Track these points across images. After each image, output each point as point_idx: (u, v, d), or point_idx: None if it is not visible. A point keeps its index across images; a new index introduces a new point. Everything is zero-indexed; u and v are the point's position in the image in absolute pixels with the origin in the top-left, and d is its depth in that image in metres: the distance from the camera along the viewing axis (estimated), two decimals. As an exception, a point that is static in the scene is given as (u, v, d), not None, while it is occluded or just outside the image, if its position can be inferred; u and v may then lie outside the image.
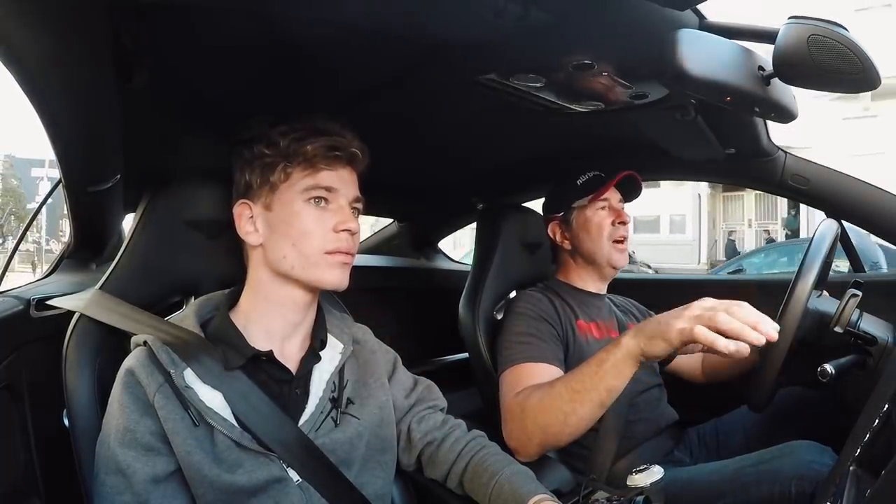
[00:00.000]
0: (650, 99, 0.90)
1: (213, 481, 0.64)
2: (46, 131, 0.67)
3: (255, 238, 0.74)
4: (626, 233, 1.18)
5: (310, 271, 0.72)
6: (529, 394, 0.93)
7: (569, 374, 0.90)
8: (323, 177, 0.73)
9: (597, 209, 1.18)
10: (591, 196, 1.18)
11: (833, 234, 0.98)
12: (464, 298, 1.24)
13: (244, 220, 0.74)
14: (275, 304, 0.75)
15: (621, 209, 1.20)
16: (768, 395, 0.94)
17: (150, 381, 0.66)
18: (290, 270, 0.73)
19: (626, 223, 1.18)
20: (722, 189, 13.51)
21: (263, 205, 0.74)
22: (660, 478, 0.65)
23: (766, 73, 0.73)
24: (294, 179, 0.72)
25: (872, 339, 0.94)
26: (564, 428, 0.87)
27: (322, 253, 0.72)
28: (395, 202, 1.81)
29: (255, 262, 0.75)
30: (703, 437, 1.22)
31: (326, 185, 0.73)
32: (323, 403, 0.74)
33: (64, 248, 1.13)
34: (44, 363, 0.81)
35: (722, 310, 0.71)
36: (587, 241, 1.18)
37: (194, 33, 0.70)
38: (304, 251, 0.72)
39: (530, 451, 0.91)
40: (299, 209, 0.72)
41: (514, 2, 0.62)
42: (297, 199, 0.72)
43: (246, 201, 0.74)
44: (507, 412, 0.96)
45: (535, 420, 0.90)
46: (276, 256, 0.73)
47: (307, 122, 0.74)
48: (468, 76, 0.84)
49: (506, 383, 1.01)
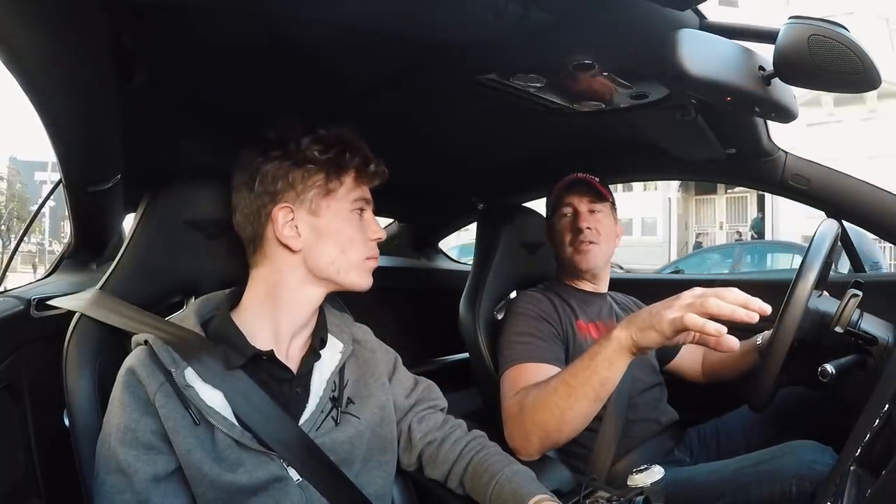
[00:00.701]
0: (650, 99, 0.90)
1: (213, 480, 0.64)
2: (47, 131, 0.67)
3: (297, 243, 0.74)
4: (586, 237, 1.15)
5: (351, 275, 0.77)
6: (527, 392, 0.93)
7: (563, 370, 0.90)
8: (367, 189, 0.79)
9: (561, 216, 1.19)
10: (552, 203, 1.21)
11: (833, 234, 0.98)
12: (464, 298, 1.24)
13: (286, 224, 0.73)
14: (290, 305, 0.75)
15: (584, 213, 1.17)
16: (769, 395, 0.94)
17: (151, 380, 0.66)
18: (334, 275, 0.76)
19: (582, 230, 1.15)
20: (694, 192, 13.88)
21: (309, 210, 0.74)
22: (660, 478, 0.65)
23: (766, 73, 0.73)
24: (347, 188, 0.76)
25: (873, 339, 0.94)
26: (562, 424, 0.87)
27: (364, 259, 0.78)
28: (396, 202, 1.80)
29: (283, 264, 0.74)
30: (703, 437, 1.22)
31: (368, 198, 0.79)
32: (323, 403, 0.74)
33: (64, 249, 1.13)
34: (44, 363, 0.81)
35: (711, 295, 0.71)
36: (556, 247, 1.22)
37: (194, 33, 0.70)
38: (351, 257, 0.76)
39: (531, 451, 0.91)
40: (350, 218, 0.77)
41: (515, 2, 0.62)
42: (347, 207, 0.76)
43: (288, 205, 0.73)
44: (507, 413, 0.96)
45: (533, 418, 0.90)
46: (321, 261, 0.75)
47: (338, 133, 0.76)
48: (468, 76, 0.84)
49: (506, 383, 1.01)
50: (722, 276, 3.51)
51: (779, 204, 11.72)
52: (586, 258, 1.16)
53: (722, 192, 13.66)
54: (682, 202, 14.30)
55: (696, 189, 13.77)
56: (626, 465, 1.04)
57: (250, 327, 0.73)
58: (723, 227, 13.44)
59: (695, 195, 14.08)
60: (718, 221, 13.72)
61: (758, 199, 12.55)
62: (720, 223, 13.65)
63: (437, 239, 2.16)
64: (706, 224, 13.95)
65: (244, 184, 0.74)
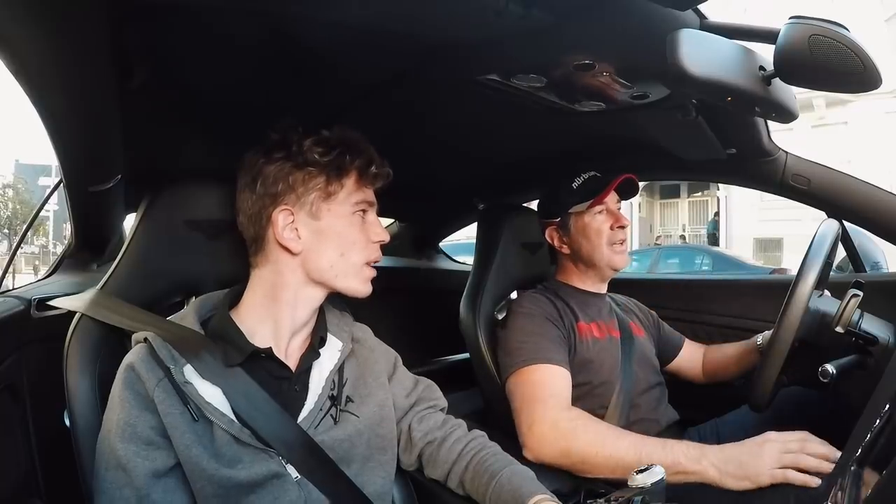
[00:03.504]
0: (651, 99, 0.90)
1: (211, 475, 0.64)
2: (47, 132, 0.67)
3: (297, 245, 0.74)
4: (624, 236, 1.18)
5: (349, 280, 0.76)
6: (586, 424, 0.94)
7: (639, 440, 0.91)
8: (369, 192, 0.78)
9: (595, 214, 1.18)
10: (589, 202, 1.17)
11: (834, 234, 0.98)
12: (465, 298, 1.24)
13: (286, 227, 0.73)
14: (291, 305, 0.75)
15: (619, 213, 1.20)
16: (769, 395, 0.94)
17: (150, 376, 0.66)
18: (332, 279, 0.75)
19: (624, 227, 1.18)
20: (659, 196, 14.29)
21: (309, 213, 0.74)
22: (660, 478, 0.65)
23: (766, 73, 0.73)
24: (348, 191, 0.75)
25: (873, 339, 0.94)
26: (603, 471, 0.89)
27: (364, 263, 0.77)
28: (396, 202, 1.80)
29: (283, 266, 0.75)
30: (703, 437, 1.22)
31: (371, 200, 0.78)
32: (322, 401, 0.75)
33: (65, 249, 1.13)
34: (45, 363, 0.81)
35: (798, 450, 0.83)
36: (586, 246, 1.18)
37: (194, 33, 0.70)
38: (351, 260, 0.76)
39: (546, 459, 0.93)
40: (351, 221, 0.76)
41: (515, 2, 0.62)
42: (349, 210, 0.76)
43: (288, 207, 0.74)
44: (545, 422, 0.95)
45: (583, 451, 0.91)
46: (320, 264, 0.74)
47: (341, 134, 0.75)
48: (469, 76, 0.84)
49: (524, 385, 1.00)
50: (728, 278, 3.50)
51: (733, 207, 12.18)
52: (622, 258, 1.18)
53: (685, 196, 14.05)
54: (647, 206, 14.60)
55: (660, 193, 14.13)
56: (627, 466, 1.03)
57: (250, 326, 0.74)
58: (685, 229, 13.80)
59: (659, 199, 14.48)
60: (681, 224, 14.10)
61: (718, 203, 12.86)
62: (683, 226, 14.05)
63: (438, 239, 2.16)
64: (670, 227, 14.33)
65: (247, 185, 0.75)
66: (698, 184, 12.58)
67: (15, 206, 21.32)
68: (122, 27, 0.59)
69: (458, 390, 1.22)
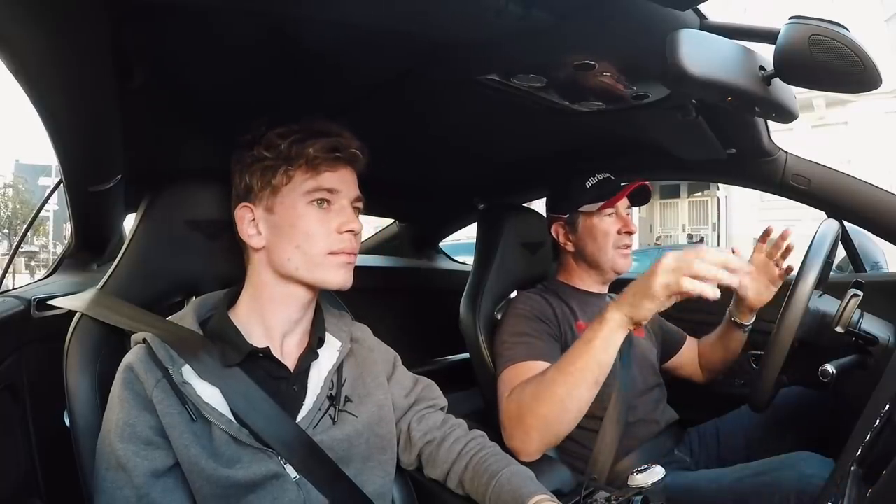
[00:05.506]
0: (651, 99, 0.90)
1: (210, 475, 0.64)
2: (47, 131, 0.67)
3: (258, 241, 0.74)
4: (630, 241, 1.19)
5: (315, 272, 0.73)
6: (523, 388, 0.92)
7: (559, 361, 0.89)
8: (325, 178, 0.73)
9: (604, 216, 1.18)
10: (601, 203, 1.17)
11: (834, 234, 0.98)
12: (465, 298, 1.24)
13: (246, 224, 0.74)
14: (276, 303, 0.75)
15: (628, 217, 1.20)
16: (769, 395, 0.94)
17: (149, 376, 0.66)
18: (294, 272, 0.73)
19: (632, 233, 1.18)
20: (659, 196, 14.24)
21: (265, 208, 0.74)
22: (660, 478, 0.65)
23: (766, 73, 0.73)
24: (296, 182, 0.72)
25: (873, 340, 0.94)
26: (563, 414, 0.87)
27: (326, 254, 0.73)
28: (396, 202, 1.81)
29: (256, 263, 0.76)
30: (703, 437, 1.22)
31: (328, 187, 0.73)
32: (320, 401, 0.75)
33: (65, 249, 1.13)
34: (45, 363, 0.81)
35: (693, 258, 0.75)
36: (592, 247, 1.18)
37: (194, 33, 0.70)
38: (309, 253, 0.72)
39: (531, 449, 0.90)
40: (302, 211, 0.72)
41: (515, 2, 0.62)
42: (299, 201, 0.72)
43: (247, 204, 0.74)
44: (505, 413, 0.95)
45: (534, 412, 0.89)
46: (280, 259, 0.73)
47: (306, 123, 0.74)
48: (469, 76, 0.84)
49: (503, 383, 1.00)
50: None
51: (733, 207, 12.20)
52: (627, 262, 1.18)
53: (685, 196, 14.04)
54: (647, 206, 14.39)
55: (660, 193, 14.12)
56: (627, 466, 1.04)
57: (246, 325, 0.74)
58: (685, 229, 13.78)
59: (659, 199, 14.39)
60: (681, 224, 14.07)
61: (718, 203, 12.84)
62: (683, 226, 14.01)
63: (438, 239, 2.16)
64: (670, 227, 14.28)
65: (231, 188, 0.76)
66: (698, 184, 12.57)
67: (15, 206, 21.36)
68: (121, 27, 0.59)
69: (458, 390, 1.22)
